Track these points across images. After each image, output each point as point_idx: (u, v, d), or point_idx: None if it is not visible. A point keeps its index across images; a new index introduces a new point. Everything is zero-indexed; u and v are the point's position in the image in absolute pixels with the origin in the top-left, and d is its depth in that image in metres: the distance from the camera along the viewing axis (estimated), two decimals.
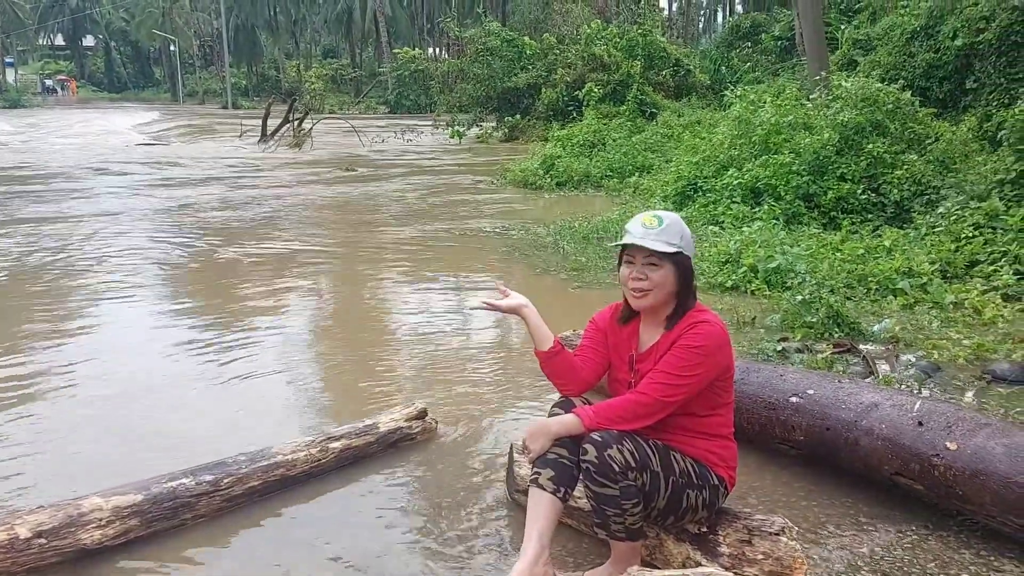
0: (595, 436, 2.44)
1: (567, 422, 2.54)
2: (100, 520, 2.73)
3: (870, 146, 8.64)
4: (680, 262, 2.58)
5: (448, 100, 27.21)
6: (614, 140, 15.76)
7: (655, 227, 2.54)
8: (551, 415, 2.65)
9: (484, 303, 2.77)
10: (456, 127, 25.29)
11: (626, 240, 2.56)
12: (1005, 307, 5.61)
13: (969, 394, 4.22)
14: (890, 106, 9.11)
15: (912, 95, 10.70)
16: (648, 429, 2.59)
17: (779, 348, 4.98)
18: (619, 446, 2.42)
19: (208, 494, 2.98)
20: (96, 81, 79.21)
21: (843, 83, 9.72)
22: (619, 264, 2.68)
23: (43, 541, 2.60)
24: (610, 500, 2.42)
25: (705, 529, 2.65)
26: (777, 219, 8.10)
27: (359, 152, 21.63)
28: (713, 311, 2.66)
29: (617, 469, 2.40)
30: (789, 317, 5.45)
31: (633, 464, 2.43)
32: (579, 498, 2.72)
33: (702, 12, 72.29)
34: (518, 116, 24.84)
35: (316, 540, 2.94)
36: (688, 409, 2.61)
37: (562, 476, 2.52)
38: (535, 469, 2.56)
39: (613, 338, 2.79)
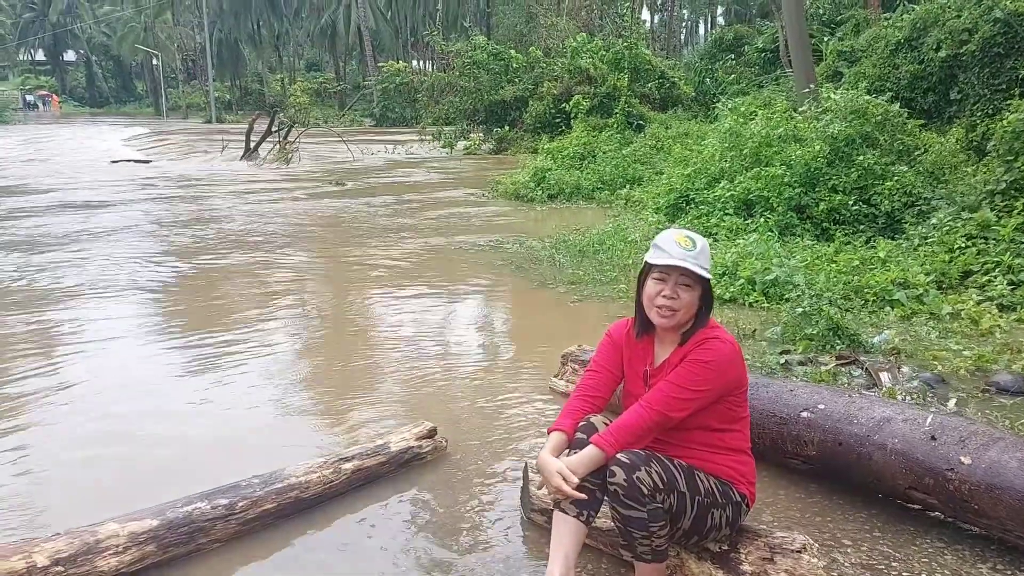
0: (622, 458, 2.44)
1: (593, 458, 2.49)
2: (117, 547, 2.70)
3: (860, 158, 8.72)
4: (707, 286, 2.61)
5: (435, 113, 27.26)
6: (604, 152, 15.82)
7: (692, 249, 2.57)
8: (573, 444, 2.60)
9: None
10: (448, 138, 25.34)
11: (665, 260, 2.56)
12: (1001, 317, 5.68)
13: (973, 406, 4.26)
14: (879, 118, 9.20)
15: (898, 106, 10.84)
16: (670, 446, 2.61)
17: (782, 361, 5.01)
18: (647, 468, 2.43)
19: (223, 518, 2.96)
20: (77, 96, 78.81)
21: (832, 95, 9.80)
22: (642, 278, 2.69)
23: (61, 569, 2.58)
24: (638, 522, 2.42)
25: (726, 547, 2.66)
26: (772, 231, 8.15)
27: (347, 165, 21.59)
28: (725, 329, 2.69)
29: (646, 492, 2.40)
30: (790, 329, 5.49)
31: (661, 486, 2.43)
32: (598, 518, 2.71)
33: (684, 24, 72.83)
34: (506, 128, 24.91)
35: (330, 563, 2.93)
36: (706, 423, 2.63)
37: (586, 500, 2.51)
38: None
39: (628, 352, 2.81)
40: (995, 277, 6.29)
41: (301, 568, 2.90)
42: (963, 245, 6.86)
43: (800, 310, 5.49)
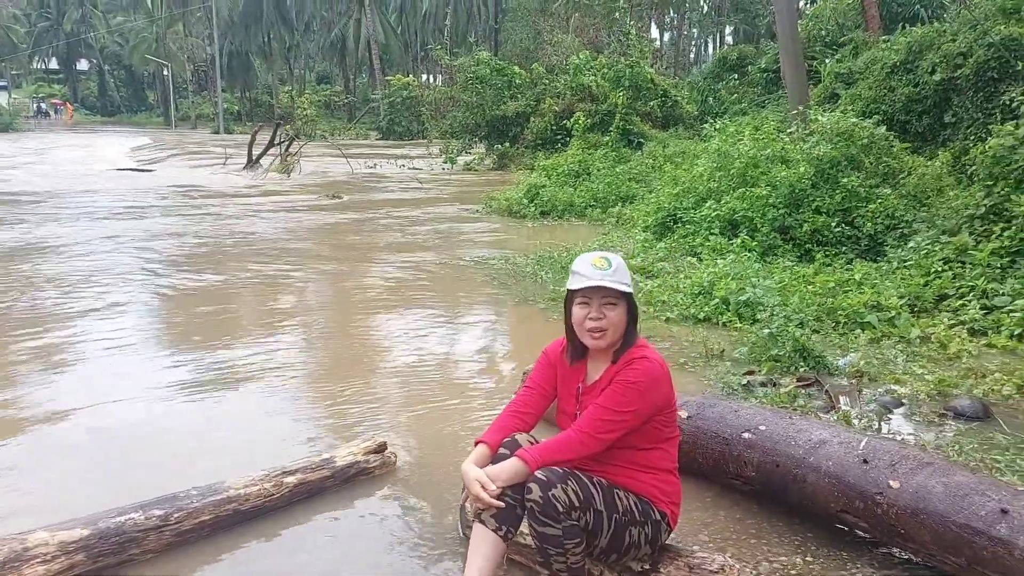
0: (540, 475, 2.47)
1: (515, 470, 2.51)
2: (46, 555, 2.73)
3: (845, 180, 8.74)
4: (631, 300, 2.65)
5: (439, 127, 27.40)
6: (598, 170, 15.88)
7: (607, 268, 2.61)
8: (496, 459, 2.62)
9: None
10: (449, 154, 25.44)
11: (584, 283, 2.61)
12: (971, 341, 5.68)
13: (926, 431, 4.26)
14: (865, 140, 9.23)
15: (892, 129, 10.86)
16: (592, 463, 2.63)
17: (744, 382, 5.03)
18: (563, 485, 2.45)
19: (157, 528, 2.98)
20: (89, 104, 79.36)
21: (819, 117, 9.83)
22: (567, 307, 2.72)
23: None
24: (553, 539, 2.44)
25: (647, 567, 2.67)
26: (751, 251, 8.17)
27: (347, 179, 21.69)
28: (653, 347, 2.72)
29: (561, 509, 2.42)
30: (756, 350, 5.50)
31: (577, 503, 2.45)
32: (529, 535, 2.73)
33: (693, 43, 73.02)
34: (507, 144, 25.01)
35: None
36: (631, 443, 2.65)
37: (506, 514, 2.53)
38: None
39: (562, 370, 2.84)
40: (969, 301, 6.29)
41: None
42: (940, 269, 6.86)
43: (768, 331, 5.51)
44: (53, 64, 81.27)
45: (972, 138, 11.39)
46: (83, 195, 16.71)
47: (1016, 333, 5.71)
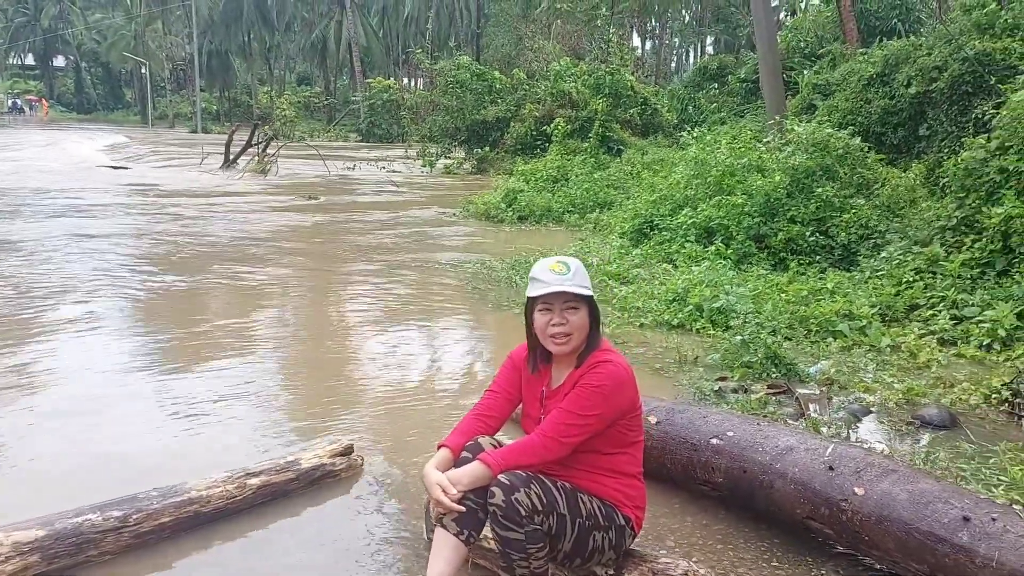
0: (503, 479, 2.44)
1: (477, 474, 2.50)
2: None
3: (820, 190, 8.81)
4: (591, 303, 2.63)
5: (419, 130, 27.35)
6: (577, 176, 15.90)
7: (567, 273, 2.60)
8: (459, 462, 2.59)
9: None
10: (428, 157, 25.39)
11: (545, 290, 2.59)
12: (940, 351, 5.72)
13: (894, 439, 4.28)
14: (840, 151, 9.31)
15: (868, 140, 10.95)
16: (556, 467, 2.61)
17: (716, 388, 5.03)
18: (526, 489, 2.43)
19: (116, 530, 2.93)
20: (65, 101, 78.50)
21: (796, 127, 9.91)
22: (528, 315, 2.70)
23: None
24: (516, 544, 2.42)
25: (612, 572, 2.66)
26: (726, 259, 8.21)
27: (324, 180, 21.57)
28: (618, 351, 2.71)
29: (523, 513, 2.40)
30: (728, 357, 5.51)
31: (540, 508, 2.43)
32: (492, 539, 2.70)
33: (674, 52, 73.47)
34: (487, 148, 25.00)
35: None
36: (595, 447, 2.63)
37: (468, 518, 2.51)
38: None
39: (527, 374, 2.82)
40: (939, 311, 6.34)
41: None
42: (911, 279, 6.92)
43: (740, 338, 5.52)
44: (29, 60, 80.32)
45: (945, 151, 11.53)
46: (56, 192, 16.49)
47: (984, 343, 5.76)
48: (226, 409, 4.63)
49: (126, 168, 23.27)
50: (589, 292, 2.61)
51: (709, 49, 60.75)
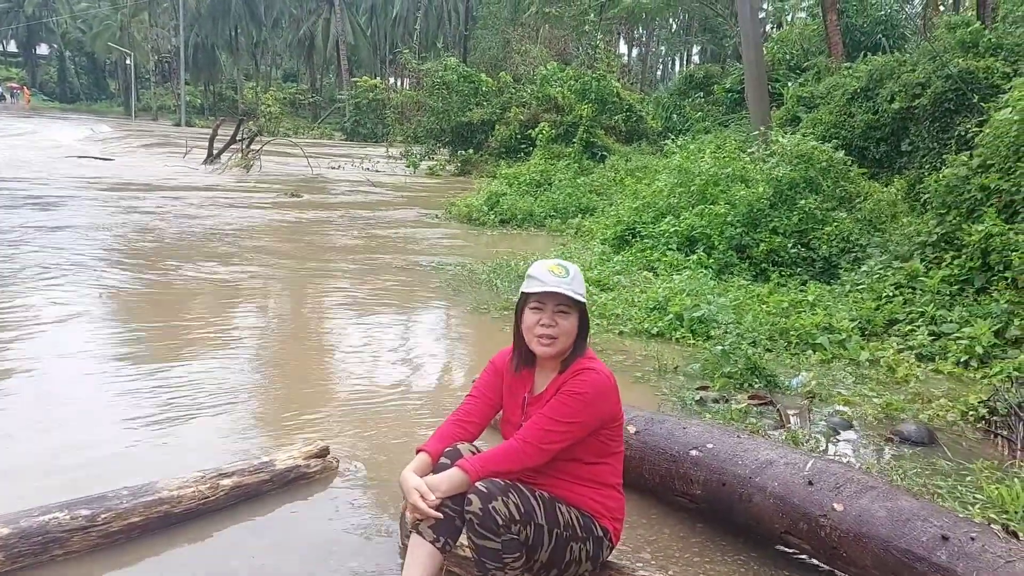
0: (480, 487, 2.41)
1: (454, 480, 2.46)
2: None
3: (802, 201, 8.84)
4: (583, 311, 2.61)
5: (403, 130, 27.28)
6: (560, 180, 15.90)
7: (565, 276, 2.58)
8: (437, 468, 2.56)
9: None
10: (412, 157, 25.31)
11: (541, 288, 2.57)
12: (918, 367, 5.74)
13: (873, 454, 4.29)
14: (823, 164, 9.35)
15: (851, 154, 11.02)
16: (535, 476, 2.57)
17: (697, 397, 5.02)
18: (504, 498, 2.39)
19: (83, 529, 2.86)
20: (48, 90, 77.59)
21: (780, 139, 9.95)
22: (519, 311, 2.67)
23: None
24: (492, 553, 2.39)
25: None
26: (707, 268, 8.22)
27: (307, 177, 21.44)
28: (601, 360, 2.68)
29: (501, 522, 2.36)
30: (709, 366, 5.51)
31: (517, 517, 2.40)
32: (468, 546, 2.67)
33: (661, 60, 73.78)
34: (471, 151, 24.97)
35: None
36: (575, 456, 2.60)
37: (445, 526, 2.47)
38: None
39: (508, 379, 2.79)
40: (918, 327, 6.37)
41: None
42: (891, 294, 6.95)
43: (721, 348, 5.52)
44: (12, 47, 79.42)
45: (927, 167, 11.63)
46: (36, 182, 16.28)
47: (962, 360, 5.79)
48: (200, 408, 4.55)
49: (109, 160, 23.02)
50: (583, 299, 2.59)
51: (695, 58, 61.10)
